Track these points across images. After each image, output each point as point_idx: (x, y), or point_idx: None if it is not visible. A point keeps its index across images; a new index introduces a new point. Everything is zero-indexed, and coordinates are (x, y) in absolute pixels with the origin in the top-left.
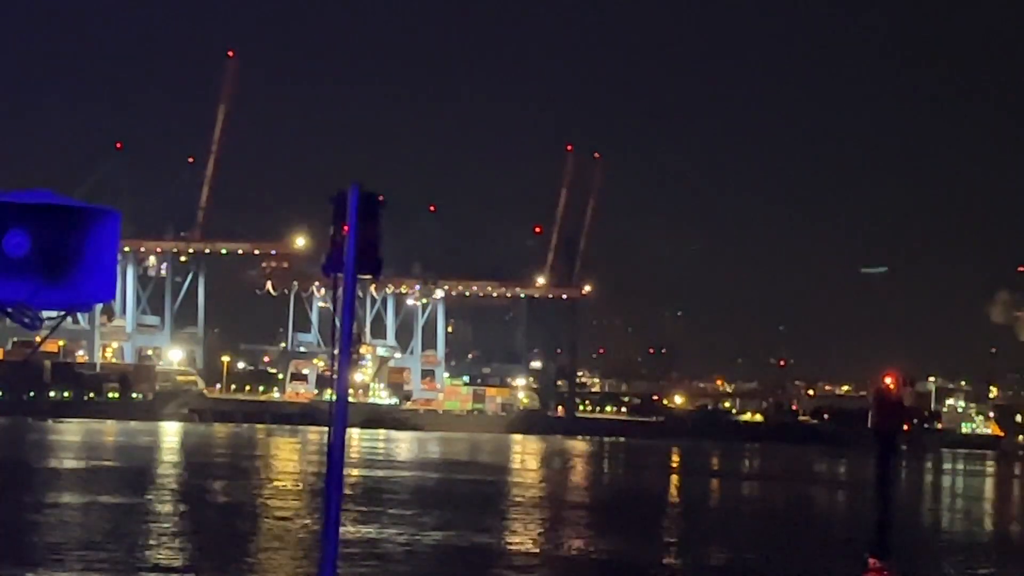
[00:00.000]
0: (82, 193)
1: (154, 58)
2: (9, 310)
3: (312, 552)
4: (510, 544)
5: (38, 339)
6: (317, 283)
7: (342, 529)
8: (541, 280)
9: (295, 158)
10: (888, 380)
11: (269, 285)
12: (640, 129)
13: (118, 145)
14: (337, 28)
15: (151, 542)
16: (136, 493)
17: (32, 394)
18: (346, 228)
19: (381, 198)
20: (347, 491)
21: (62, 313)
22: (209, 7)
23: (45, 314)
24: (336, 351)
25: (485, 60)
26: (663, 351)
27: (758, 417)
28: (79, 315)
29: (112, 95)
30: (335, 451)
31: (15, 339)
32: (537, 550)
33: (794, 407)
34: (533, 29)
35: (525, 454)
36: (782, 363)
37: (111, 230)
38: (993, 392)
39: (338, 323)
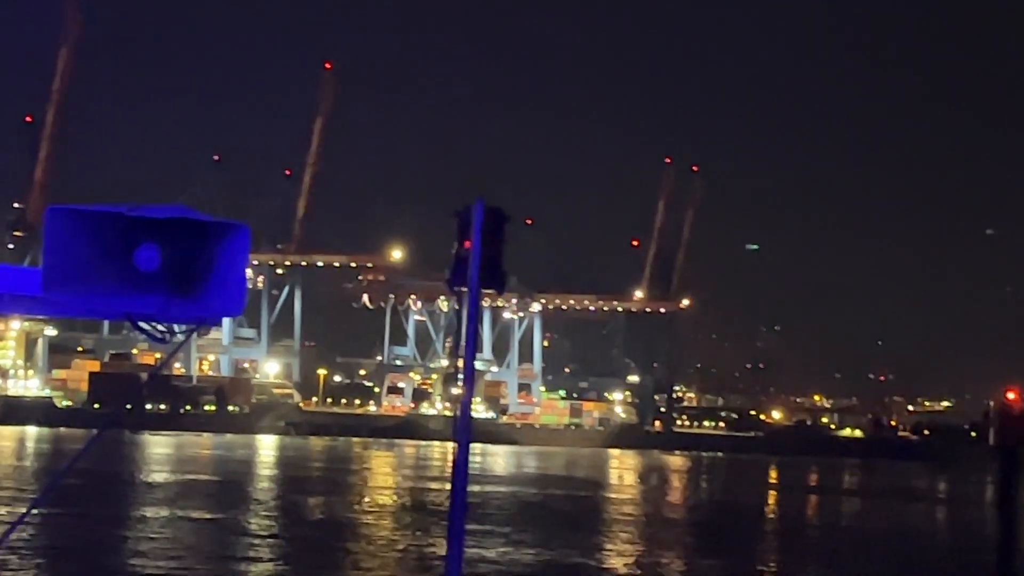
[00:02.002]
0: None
1: (252, 70)
2: (139, 324)
3: (410, 571)
4: (607, 563)
5: (156, 355)
6: (413, 296)
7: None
8: (639, 293)
9: (392, 171)
10: (1011, 395)
11: (365, 298)
12: (739, 142)
13: (216, 157)
14: (434, 41)
15: (239, 558)
16: (229, 508)
17: (128, 407)
18: (468, 243)
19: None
20: (443, 507)
21: (191, 327)
22: (307, 19)
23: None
24: (458, 365)
25: (584, 72)
26: (761, 366)
27: (857, 433)
28: (176, 327)
29: (210, 107)
30: (460, 467)
31: (112, 352)
32: (635, 570)
33: (893, 423)
34: (633, 43)
35: (622, 469)
36: (881, 378)
37: (241, 244)
38: None
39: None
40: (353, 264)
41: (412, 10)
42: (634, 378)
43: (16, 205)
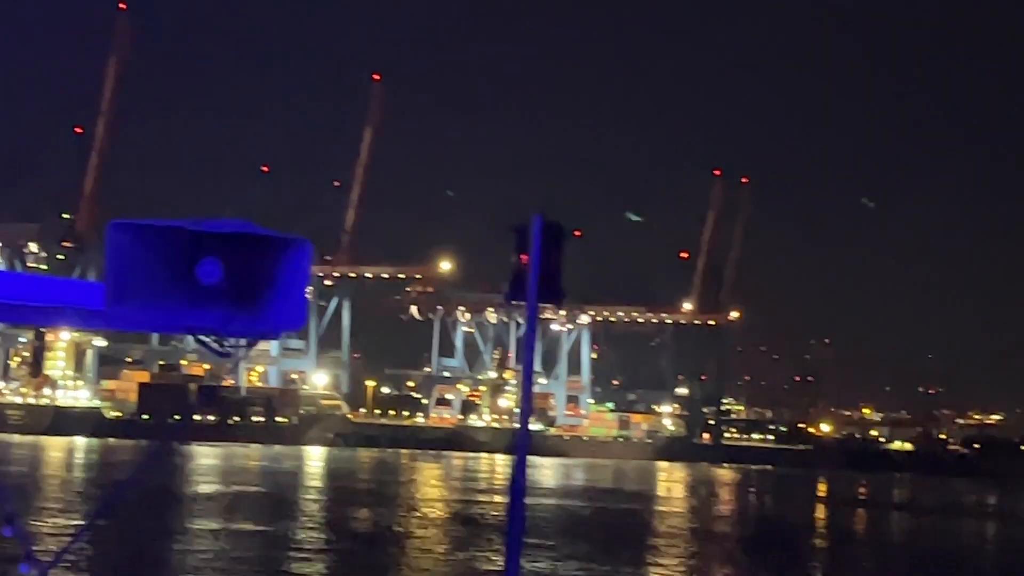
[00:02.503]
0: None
1: (301, 81)
2: (200, 337)
3: None
4: None
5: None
6: (462, 307)
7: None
8: (688, 306)
9: (441, 183)
10: None
11: (414, 309)
12: (789, 154)
13: (264, 168)
14: (483, 54)
15: (287, 572)
16: (277, 520)
17: (177, 417)
18: (524, 258)
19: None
20: (491, 520)
21: (251, 341)
22: (356, 31)
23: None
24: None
25: (634, 82)
26: (809, 379)
27: (907, 446)
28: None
29: (259, 119)
30: (517, 479)
31: (161, 363)
32: None
33: (943, 436)
34: (684, 53)
35: (671, 482)
36: (931, 391)
37: (302, 259)
38: None
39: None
40: (402, 276)
41: (460, 21)
42: (682, 390)
43: (65, 216)
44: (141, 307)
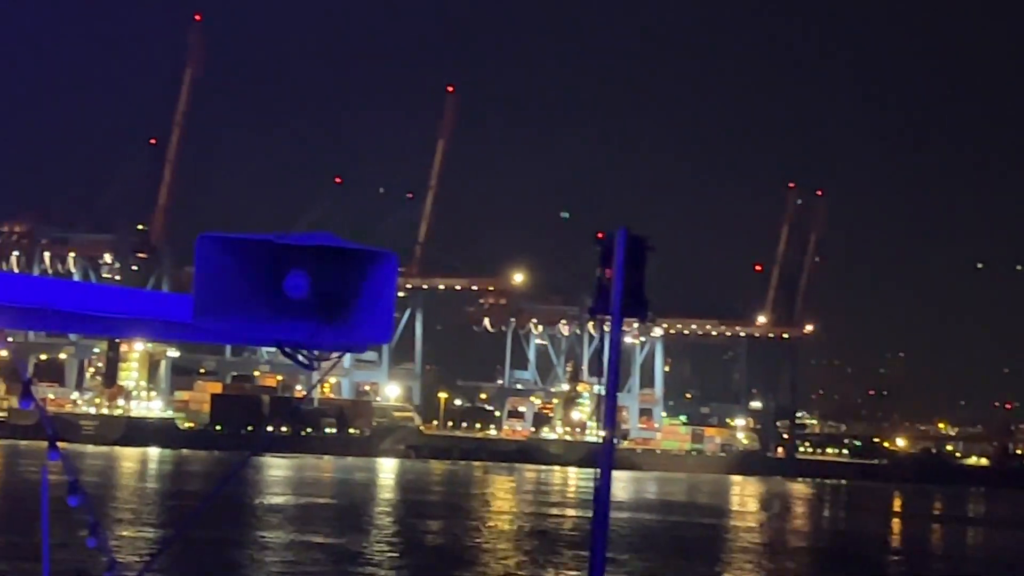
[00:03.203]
0: (301, 228)
1: (374, 92)
2: (287, 350)
3: None
4: None
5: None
6: (535, 319)
7: None
8: (762, 319)
9: (514, 193)
10: None
11: (487, 321)
12: (864, 166)
13: (337, 180)
14: (553, 63)
15: None
16: (348, 532)
17: (250, 428)
18: (608, 272)
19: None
20: (564, 534)
21: (339, 354)
22: (430, 42)
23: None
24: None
25: (709, 96)
26: (884, 393)
27: (983, 461)
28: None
29: (332, 130)
30: (602, 493)
31: (234, 374)
32: None
33: (1020, 451)
34: (757, 67)
35: (744, 496)
36: (1008, 406)
37: (388, 272)
38: None
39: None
40: (474, 287)
41: (533, 34)
42: (756, 404)
43: (139, 227)
44: (228, 319)
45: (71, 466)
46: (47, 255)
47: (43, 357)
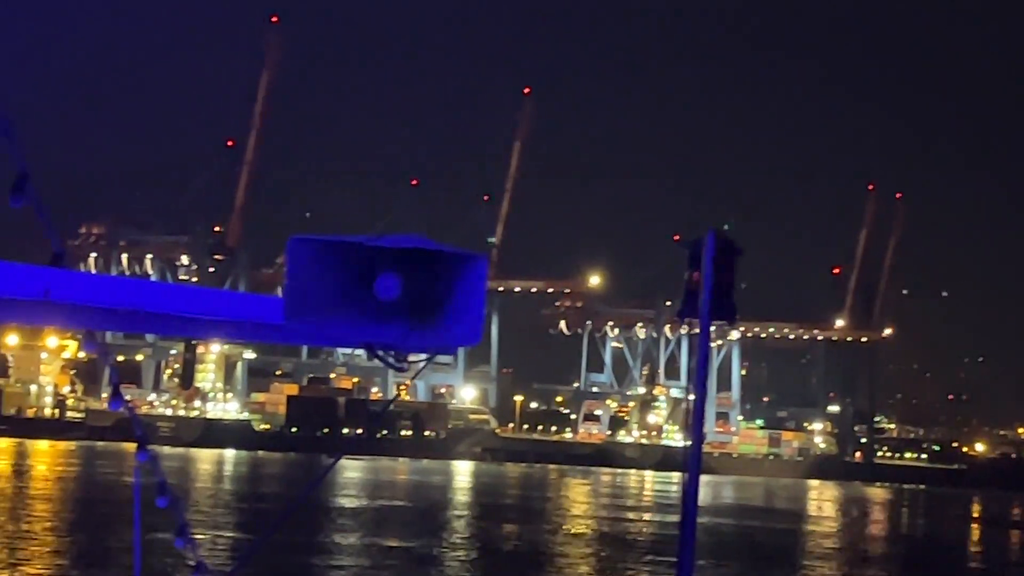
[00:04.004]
0: (377, 230)
1: (451, 93)
2: (377, 352)
3: None
4: None
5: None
6: (611, 322)
7: None
8: (840, 322)
9: (590, 196)
10: None
11: (563, 324)
12: (945, 169)
13: (413, 182)
14: (628, 63)
15: None
16: (422, 536)
17: (326, 431)
18: (696, 274)
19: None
20: (640, 538)
21: (429, 356)
22: (506, 45)
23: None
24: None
25: (786, 96)
26: (963, 397)
27: None
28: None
29: (408, 131)
30: (690, 498)
31: (310, 376)
32: None
33: None
34: (836, 67)
35: (822, 501)
36: None
37: (479, 274)
38: None
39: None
40: (550, 290)
41: (609, 30)
42: (834, 408)
43: (216, 229)
44: (319, 322)
45: (160, 467)
46: (124, 257)
47: (120, 358)
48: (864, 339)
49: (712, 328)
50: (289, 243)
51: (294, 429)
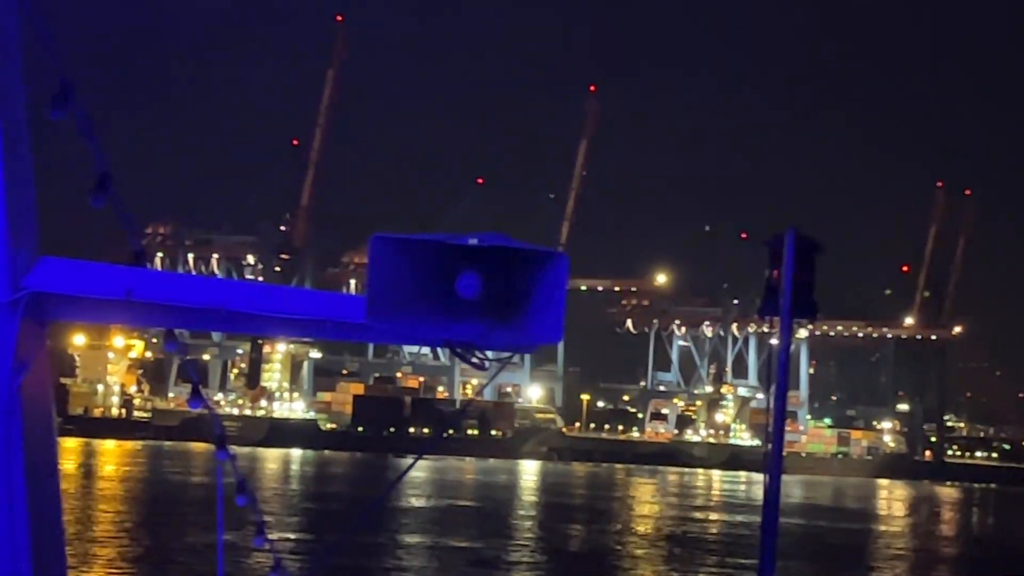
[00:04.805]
0: (444, 229)
1: (516, 93)
2: (458, 350)
3: None
4: None
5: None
6: (678, 321)
7: None
8: (909, 320)
9: (657, 193)
10: None
11: (629, 323)
12: (1014, 165)
13: (479, 180)
14: (693, 62)
15: None
16: (488, 536)
17: (392, 430)
18: (776, 273)
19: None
20: (708, 539)
21: (509, 354)
22: (571, 45)
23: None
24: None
25: (855, 95)
26: None
27: None
28: (439, 351)
29: (474, 130)
30: (771, 496)
31: (376, 375)
32: None
33: None
34: (905, 64)
35: (892, 500)
36: None
37: (559, 272)
38: None
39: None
40: (617, 288)
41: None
42: (903, 407)
43: (282, 228)
44: (401, 320)
45: (238, 467)
46: (191, 256)
47: (187, 358)
48: (934, 337)
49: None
50: (371, 242)
51: (360, 428)
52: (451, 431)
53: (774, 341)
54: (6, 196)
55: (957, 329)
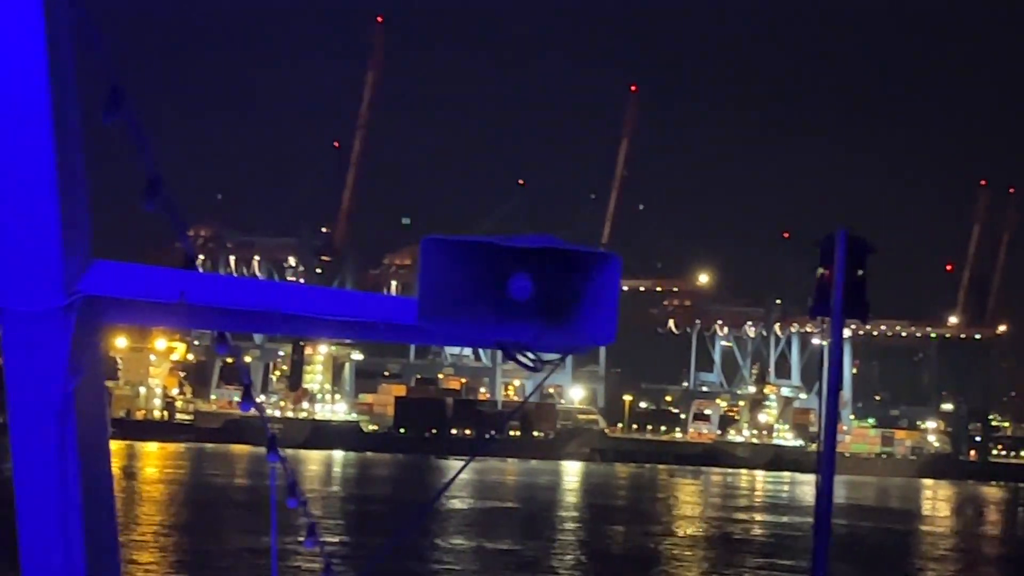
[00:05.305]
0: (486, 230)
1: (556, 94)
2: (510, 352)
3: None
4: None
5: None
6: (720, 321)
7: None
8: (953, 319)
9: (698, 194)
10: None
11: (671, 323)
12: None
13: (520, 182)
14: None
15: None
16: (530, 539)
17: (434, 432)
18: (827, 273)
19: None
20: (752, 540)
21: (562, 355)
22: (614, 44)
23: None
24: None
25: (897, 94)
26: None
27: None
28: (481, 352)
29: (516, 133)
30: (823, 498)
31: (418, 376)
32: None
33: None
34: (945, 62)
35: (936, 500)
36: None
37: (612, 273)
38: None
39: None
40: (659, 288)
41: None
42: (947, 406)
43: (323, 230)
44: (453, 322)
45: (290, 469)
46: (232, 258)
47: (228, 360)
48: (978, 336)
49: (823, 325)
50: (423, 243)
51: (402, 430)
52: (493, 432)
53: (816, 341)
54: (60, 201)
55: (1001, 328)
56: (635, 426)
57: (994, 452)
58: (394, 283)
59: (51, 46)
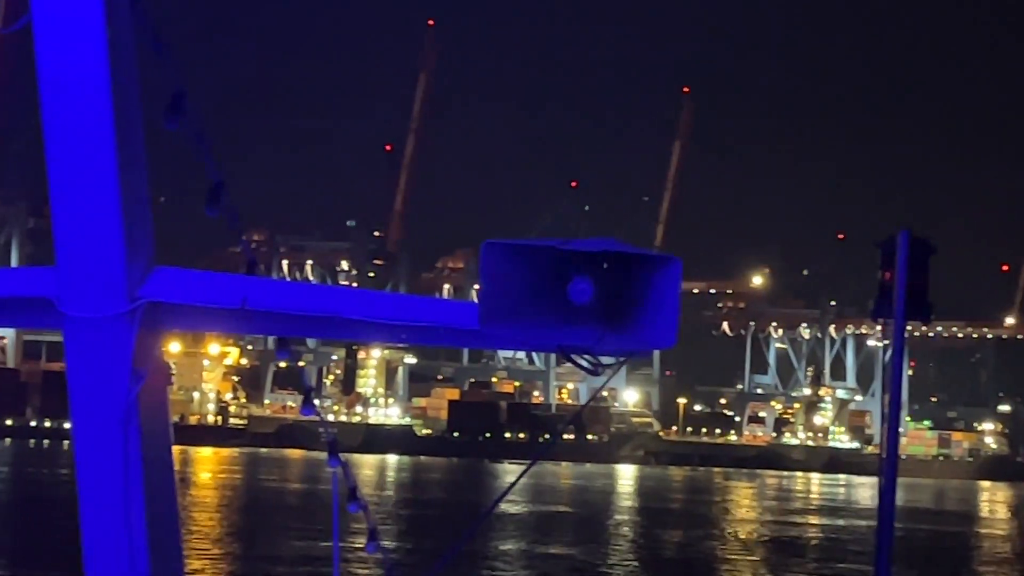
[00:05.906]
0: (539, 231)
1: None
2: (571, 355)
3: None
4: None
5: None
6: (775, 323)
7: None
8: (1010, 320)
9: (753, 194)
10: None
11: (725, 325)
12: None
13: (573, 184)
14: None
15: None
16: (583, 543)
17: (488, 435)
18: (888, 275)
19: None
20: (808, 544)
21: (622, 359)
22: (665, 41)
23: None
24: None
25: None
26: None
27: None
28: (535, 355)
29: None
30: (886, 499)
31: (471, 380)
32: None
33: None
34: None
35: (994, 503)
36: None
37: (673, 277)
38: None
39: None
40: (713, 290)
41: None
42: (1005, 407)
43: (376, 233)
44: (514, 326)
45: (351, 473)
46: (285, 263)
47: (282, 365)
48: None
49: (878, 327)
50: (483, 248)
51: (456, 434)
52: (547, 436)
53: (872, 343)
54: (123, 207)
55: None
56: (689, 429)
57: None
58: (447, 286)
59: (113, 52)
